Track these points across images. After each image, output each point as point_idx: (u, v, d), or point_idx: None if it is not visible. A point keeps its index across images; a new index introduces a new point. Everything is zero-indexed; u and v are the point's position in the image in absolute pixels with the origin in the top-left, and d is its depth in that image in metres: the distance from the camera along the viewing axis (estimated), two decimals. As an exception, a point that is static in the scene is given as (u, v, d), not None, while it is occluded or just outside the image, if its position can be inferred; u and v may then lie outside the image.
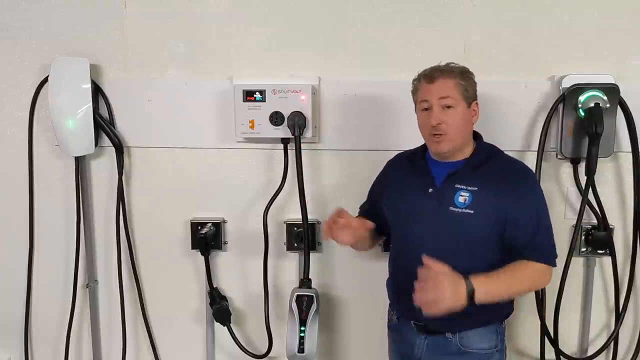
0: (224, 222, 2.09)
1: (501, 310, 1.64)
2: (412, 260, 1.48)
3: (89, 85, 1.95)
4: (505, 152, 1.66)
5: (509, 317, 1.69)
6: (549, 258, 1.56)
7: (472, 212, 1.51)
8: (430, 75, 1.53)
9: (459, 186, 1.54)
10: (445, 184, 1.56)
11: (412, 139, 1.70)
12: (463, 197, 1.52)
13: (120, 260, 2.12)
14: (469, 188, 1.53)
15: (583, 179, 1.87)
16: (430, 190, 1.57)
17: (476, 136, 1.64)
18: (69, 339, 2.18)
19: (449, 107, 1.51)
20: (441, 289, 1.38)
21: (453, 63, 1.57)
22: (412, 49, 1.92)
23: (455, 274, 1.42)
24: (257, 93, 1.91)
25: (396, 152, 1.81)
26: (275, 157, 2.01)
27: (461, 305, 1.40)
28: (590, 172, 1.82)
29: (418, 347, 1.63)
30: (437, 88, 1.52)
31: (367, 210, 1.81)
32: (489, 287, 1.45)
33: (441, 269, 1.40)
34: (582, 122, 1.82)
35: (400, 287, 1.66)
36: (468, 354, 1.58)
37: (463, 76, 1.54)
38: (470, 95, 1.55)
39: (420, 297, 1.39)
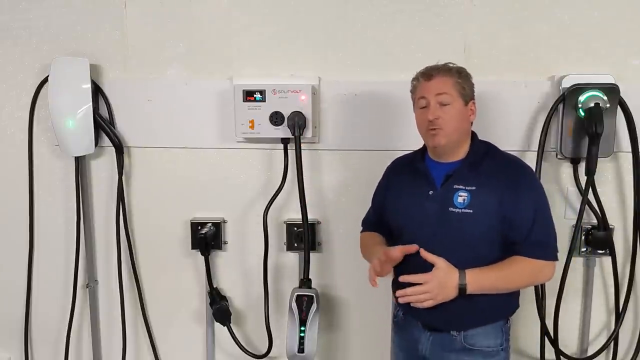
0: (224, 222, 2.09)
1: (507, 308, 1.64)
2: (417, 264, 1.50)
3: (89, 85, 1.96)
4: (505, 152, 1.65)
5: (514, 314, 1.67)
6: (545, 254, 1.55)
7: (470, 211, 1.52)
8: (428, 74, 1.56)
9: (457, 187, 1.55)
10: (445, 185, 1.57)
11: (412, 139, 1.70)
12: (462, 197, 1.53)
13: (120, 260, 2.12)
14: (467, 188, 1.54)
15: (583, 179, 1.87)
16: (430, 192, 1.58)
17: (472, 136, 1.64)
18: (69, 339, 2.18)
19: (445, 104, 1.53)
20: (430, 286, 1.47)
21: (451, 63, 1.58)
22: (412, 49, 1.92)
23: (449, 267, 1.49)
24: (257, 93, 1.91)
25: (396, 152, 1.80)
26: (275, 157, 2.01)
27: (452, 297, 1.48)
28: (590, 172, 1.81)
29: (422, 344, 1.63)
30: (434, 85, 1.54)
31: (375, 223, 1.80)
32: (482, 281, 1.50)
33: (437, 264, 1.48)
34: (582, 122, 1.82)
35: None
36: (473, 351, 1.57)
37: (460, 75, 1.56)
38: (467, 93, 1.56)
39: (408, 296, 1.49)
